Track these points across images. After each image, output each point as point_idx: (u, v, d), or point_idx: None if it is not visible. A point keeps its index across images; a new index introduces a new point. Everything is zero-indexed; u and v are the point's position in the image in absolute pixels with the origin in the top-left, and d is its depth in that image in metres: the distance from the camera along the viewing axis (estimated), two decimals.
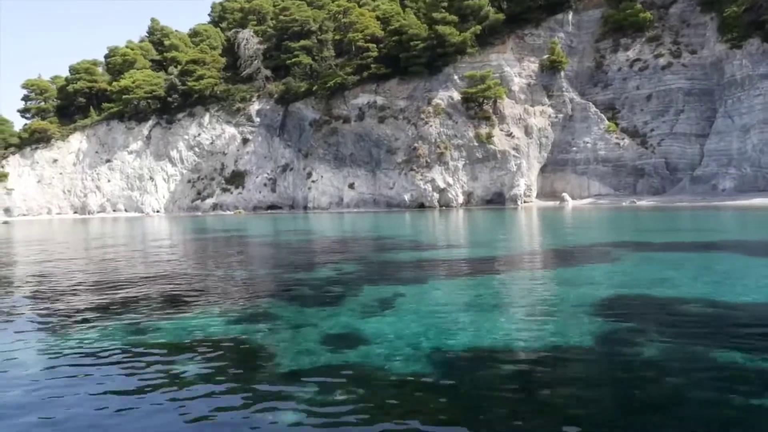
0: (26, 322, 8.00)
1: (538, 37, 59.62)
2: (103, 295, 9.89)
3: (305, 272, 12.32)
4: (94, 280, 11.95)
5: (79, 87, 71.73)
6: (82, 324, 7.54)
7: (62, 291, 10.63)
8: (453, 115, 56.94)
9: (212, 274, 12.25)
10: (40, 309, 8.97)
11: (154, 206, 67.62)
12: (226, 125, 68.37)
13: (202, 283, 10.91)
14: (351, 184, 60.80)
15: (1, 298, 10.20)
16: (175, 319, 7.69)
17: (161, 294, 9.87)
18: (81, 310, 8.60)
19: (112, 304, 9.01)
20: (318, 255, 16.89)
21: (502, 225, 29.74)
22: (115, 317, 7.94)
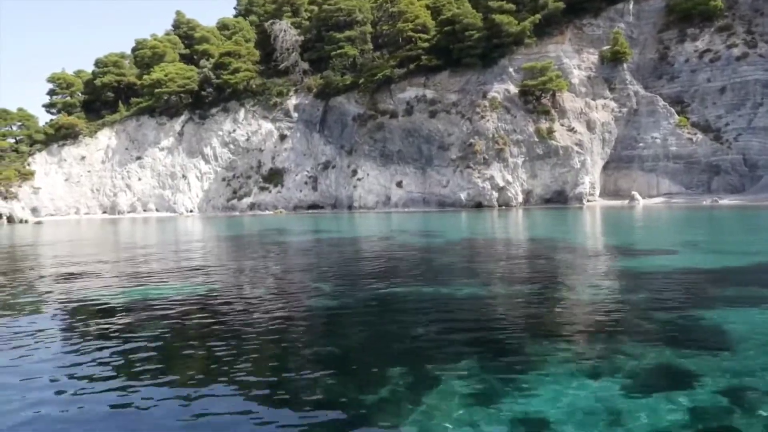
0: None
1: (597, 28, 56.56)
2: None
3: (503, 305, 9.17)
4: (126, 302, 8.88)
5: (107, 81, 68.55)
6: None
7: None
8: (511, 109, 53.85)
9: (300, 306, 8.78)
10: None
11: (187, 206, 64.41)
12: (262, 121, 65.22)
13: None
14: (399, 182, 57.68)
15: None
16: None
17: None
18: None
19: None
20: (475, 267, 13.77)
21: (619, 225, 26.61)
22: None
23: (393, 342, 6.33)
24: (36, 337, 6.98)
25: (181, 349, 6.48)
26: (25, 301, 9.74)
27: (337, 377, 5.06)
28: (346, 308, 8.34)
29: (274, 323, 7.41)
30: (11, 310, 8.90)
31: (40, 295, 10.35)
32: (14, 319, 8.27)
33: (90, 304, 9.33)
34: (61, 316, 8.57)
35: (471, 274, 11.53)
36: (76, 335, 7.22)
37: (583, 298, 8.51)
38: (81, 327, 7.74)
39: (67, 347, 6.54)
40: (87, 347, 6.40)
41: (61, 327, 7.84)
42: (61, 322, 8.13)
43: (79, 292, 10.51)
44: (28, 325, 7.82)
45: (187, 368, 5.63)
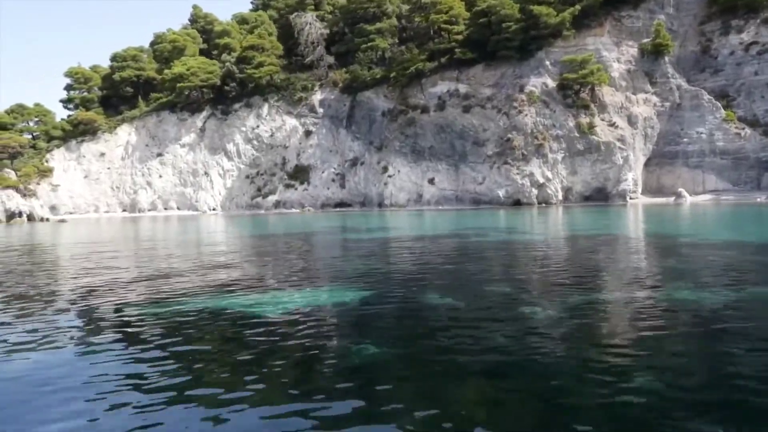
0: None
1: (636, 20, 54.75)
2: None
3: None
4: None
5: (126, 75, 66.70)
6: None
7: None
8: (549, 104, 52.07)
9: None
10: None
11: (210, 204, 62.63)
12: (286, 116, 63.42)
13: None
14: (431, 179, 55.92)
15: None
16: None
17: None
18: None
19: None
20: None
21: (696, 225, 24.84)
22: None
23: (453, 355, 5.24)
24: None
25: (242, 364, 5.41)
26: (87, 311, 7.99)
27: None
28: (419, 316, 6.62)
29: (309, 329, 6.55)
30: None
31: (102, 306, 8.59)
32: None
33: (172, 315, 7.57)
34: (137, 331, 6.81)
35: (549, 282, 9.74)
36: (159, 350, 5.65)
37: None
38: (169, 344, 6.06)
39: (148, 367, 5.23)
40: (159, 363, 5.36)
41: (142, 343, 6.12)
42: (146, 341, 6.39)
43: (159, 303, 8.75)
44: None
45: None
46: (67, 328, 7.06)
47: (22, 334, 6.77)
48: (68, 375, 5.05)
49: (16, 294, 9.76)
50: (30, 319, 7.68)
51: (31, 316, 7.81)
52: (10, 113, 63.86)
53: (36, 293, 9.77)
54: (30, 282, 11.22)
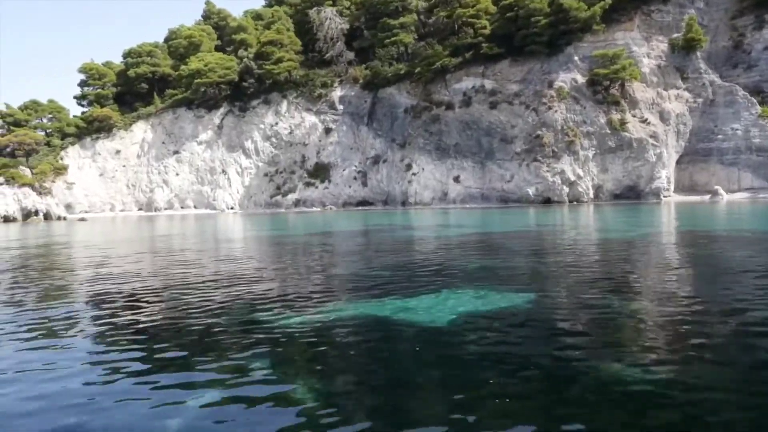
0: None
1: (666, 14, 53.62)
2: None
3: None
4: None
5: (141, 71, 65.41)
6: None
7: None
8: (580, 100, 50.93)
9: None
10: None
11: (227, 202, 61.37)
12: (305, 113, 62.20)
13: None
14: (456, 177, 54.75)
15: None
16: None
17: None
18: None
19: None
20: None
21: (733, 222, 23.68)
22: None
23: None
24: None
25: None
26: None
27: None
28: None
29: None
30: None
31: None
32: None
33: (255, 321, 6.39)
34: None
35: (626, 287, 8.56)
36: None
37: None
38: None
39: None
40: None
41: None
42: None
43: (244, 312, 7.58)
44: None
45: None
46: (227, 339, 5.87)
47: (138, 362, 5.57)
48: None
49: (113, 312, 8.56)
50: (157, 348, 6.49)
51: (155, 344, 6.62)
52: (24, 110, 62.51)
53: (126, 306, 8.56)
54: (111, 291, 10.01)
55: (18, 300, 8.60)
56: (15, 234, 31.40)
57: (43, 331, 6.50)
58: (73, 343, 5.91)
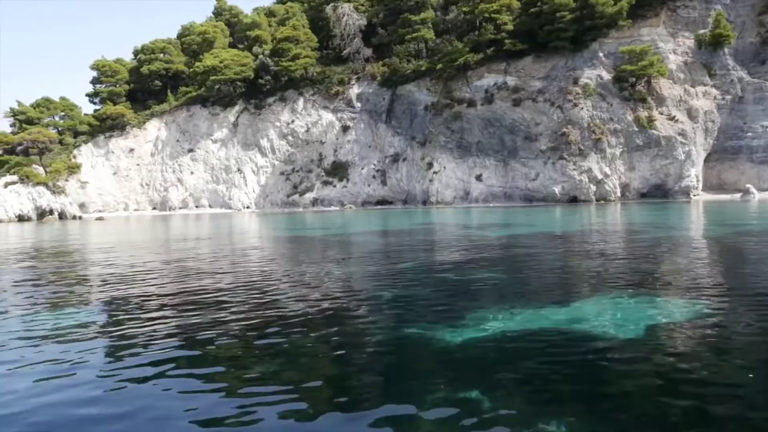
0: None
1: (692, 10, 52.74)
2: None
3: None
4: None
5: (155, 68, 64.30)
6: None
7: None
8: (606, 97, 50.02)
9: None
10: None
11: (243, 201, 60.34)
12: (322, 111, 61.18)
13: None
14: (478, 175, 53.79)
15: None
16: None
17: None
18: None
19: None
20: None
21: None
22: None
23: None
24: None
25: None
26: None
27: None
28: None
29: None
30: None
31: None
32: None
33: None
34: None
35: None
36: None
37: None
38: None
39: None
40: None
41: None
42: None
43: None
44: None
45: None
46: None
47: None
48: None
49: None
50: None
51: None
52: (36, 107, 61.42)
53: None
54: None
55: (66, 304, 7.64)
56: (38, 234, 30.40)
57: (85, 333, 6.17)
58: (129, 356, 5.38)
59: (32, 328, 6.56)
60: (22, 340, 5.97)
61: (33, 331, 6.35)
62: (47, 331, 6.33)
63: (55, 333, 6.25)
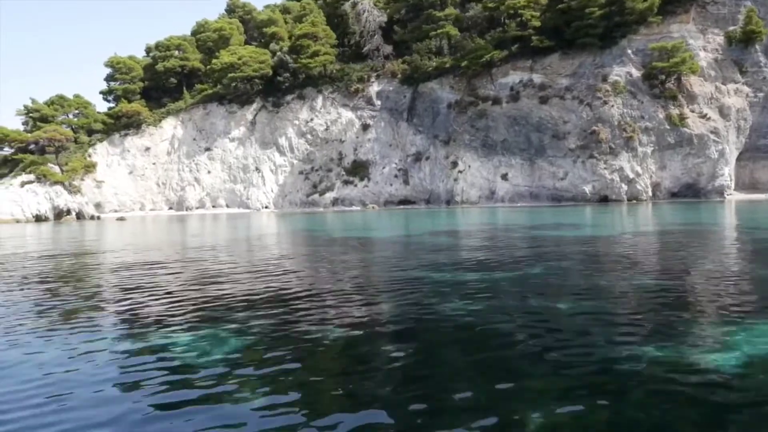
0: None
1: (722, 6, 51.89)
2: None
3: None
4: None
5: (171, 65, 63.10)
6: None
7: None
8: (637, 94, 49.09)
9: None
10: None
11: (262, 201, 59.22)
12: (342, 109, 60.11)
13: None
14: (504, 174, 52.81)
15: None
16: None
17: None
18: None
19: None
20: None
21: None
22: None
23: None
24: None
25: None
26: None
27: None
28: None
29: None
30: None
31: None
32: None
33: None
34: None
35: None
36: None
37: None
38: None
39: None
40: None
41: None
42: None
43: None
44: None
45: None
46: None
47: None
48: None
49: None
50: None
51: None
52: (50, 105, 60.15)
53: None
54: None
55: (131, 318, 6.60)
56: (68, 235, 29.26)
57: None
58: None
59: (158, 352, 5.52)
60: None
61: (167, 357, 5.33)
62: (167, 357, 5.30)
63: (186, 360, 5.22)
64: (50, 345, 5.78)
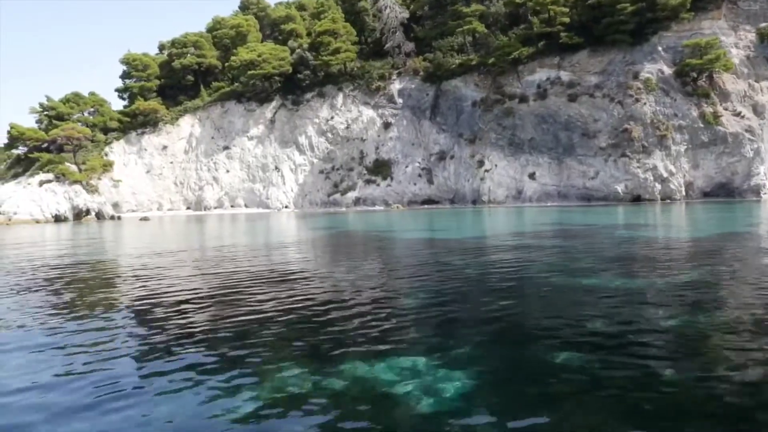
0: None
1: (753, 2, 50.93)
2: None
3: None
4: None
5: (187, 63, 61.96)
6: None
7: None
8: (669, 92, 48.16)
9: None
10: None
11: (282, 201, 58.14)
12: (363, 107, 59.09)
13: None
14: (531, 173, 51.85)
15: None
16: None
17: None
18: None
19: None
20: None
21: None
22: None
23: None
24: None
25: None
26: None
27: None
28: None
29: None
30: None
31: None
32: None
33: None
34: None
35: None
36: None
37: None
38: None
39: None
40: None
41: None
42: None
43: None
44: None
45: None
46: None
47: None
48: None
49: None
50: None
51: None
52: (66, 102, 58.93)
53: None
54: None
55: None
56: (101, 236, 28.16)
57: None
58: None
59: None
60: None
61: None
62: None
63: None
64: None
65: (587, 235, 19.08)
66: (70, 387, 4.49)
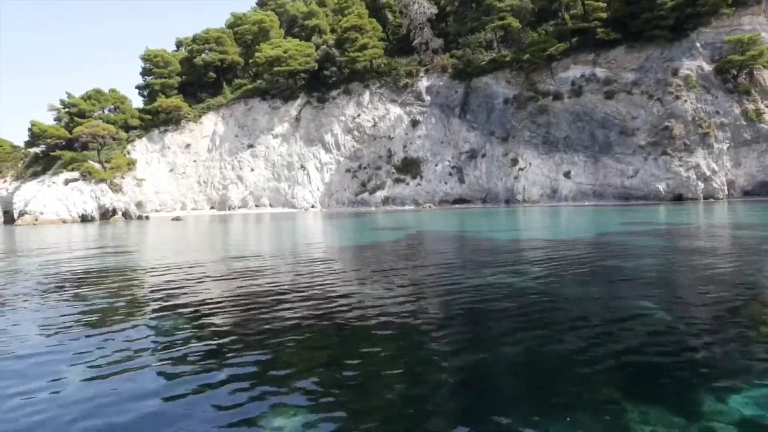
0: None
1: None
2: None
3: None
4: None
5: (210, 59, 60.66)
6: None
7: None
8: (710, 89, 47.20)
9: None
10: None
11: (308, 200, 56.95)
12: (390, 104, 57.95)
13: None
14: (566, 172, 50.82)
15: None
16: None
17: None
18: None
19: None
20: None
21: None
22: None
23: None
24: None
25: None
26: None
27: None
28: None
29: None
30: None
31: None
32: None
33: None
34: None
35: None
36: None
37: None
38: None
39: None
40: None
41: None
42: None
43: None
44: None
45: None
46: None
47: None
48: None
49: None
50: None
51: None
52: (87, 99, 57.55)
53: None
54: None
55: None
56: (158, 237, 26.95)
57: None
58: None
59: None
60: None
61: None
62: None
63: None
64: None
65: (710, 236, 17.98)
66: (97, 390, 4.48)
